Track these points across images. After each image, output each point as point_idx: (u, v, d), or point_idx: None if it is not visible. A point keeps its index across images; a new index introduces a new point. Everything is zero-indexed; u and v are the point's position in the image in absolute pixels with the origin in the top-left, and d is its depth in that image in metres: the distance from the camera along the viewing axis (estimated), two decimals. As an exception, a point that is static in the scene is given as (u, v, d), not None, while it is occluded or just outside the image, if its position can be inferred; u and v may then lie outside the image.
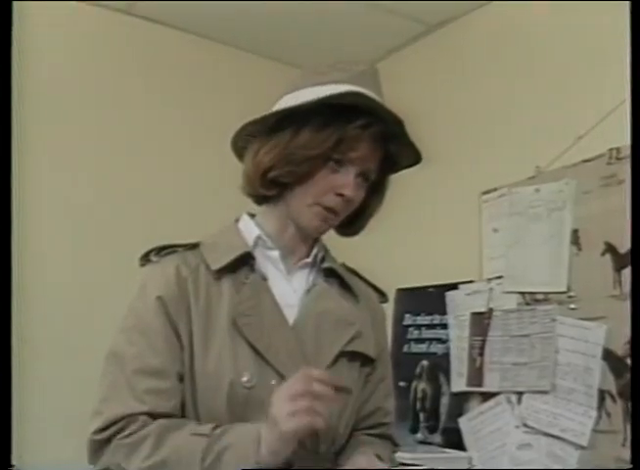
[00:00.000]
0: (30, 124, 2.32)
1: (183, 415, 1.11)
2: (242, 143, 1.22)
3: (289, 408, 0.97)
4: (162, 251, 1.20)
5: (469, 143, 2.53)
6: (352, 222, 1.26)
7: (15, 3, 1.25)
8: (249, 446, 1.00)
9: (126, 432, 1.06)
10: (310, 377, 0.99)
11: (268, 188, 1.18)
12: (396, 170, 1.25)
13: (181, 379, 1.11)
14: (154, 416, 1.08)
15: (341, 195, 1.15)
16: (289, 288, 1.20)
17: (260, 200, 1.23)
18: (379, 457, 1.17)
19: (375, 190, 1.24)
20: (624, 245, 1.94)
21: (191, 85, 2.82)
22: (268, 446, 0.99)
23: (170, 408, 1.09)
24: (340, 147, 1.13)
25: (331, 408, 1.02)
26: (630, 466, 1.10)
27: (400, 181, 1.28)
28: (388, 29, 2.77)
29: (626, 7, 1.35)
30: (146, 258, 1.20)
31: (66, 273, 2.44)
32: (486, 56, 2.54)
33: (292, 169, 1.14)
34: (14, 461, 1.17)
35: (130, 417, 1.07)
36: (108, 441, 1.07)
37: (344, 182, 1.15)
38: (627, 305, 1.89)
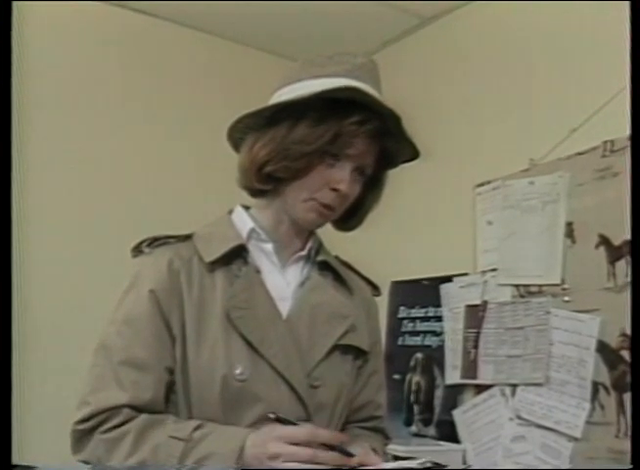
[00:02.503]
0: (28, 121, 2.30)
1: (171, 408, 1.11)
2: (238, 135, 1.21)
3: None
4: (155, 242, 1.19)
5: (463, 136, 2.53)
6: (350, 217, 1.25)
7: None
8: (230, 456, 0.99)
9: (108, 425, 1.06)
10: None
11: (264, 182, 1.17)
12: (394, 166, 1.24)
13: (171, 372, 1.11)
14: (138, 409, 1.07)
15: (336, 190, 1.14)
16: (282, 281, 1.20)
17: (256, 193, 1.22)
18: (374, 450, 1.17)
19: (372, 185, 1.23)
20: (619, 237, 1.94)
21: (186, 78, 2.81)
22: (249, 465, 0.99)
23: (155, 402, 1.09)
24: (336, 143, 1.12)
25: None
26: (630, 466, 1.10)
27: (394, 174, 1.27)
28: (382, 22, 2.76)
29: (621, 1, 1.35)
30: (138, 250, 1.19)
31: (65, 268, 2.44)
32: (481, 49, 2.53)
33: (287, 165, 1.13)
34: (14, 461, 1.17)
35: (114, 409, 1.06)
36: (90, 432, 1.07)
37: (340, 177, 1.14)
38: (621, 297, 1.90)
